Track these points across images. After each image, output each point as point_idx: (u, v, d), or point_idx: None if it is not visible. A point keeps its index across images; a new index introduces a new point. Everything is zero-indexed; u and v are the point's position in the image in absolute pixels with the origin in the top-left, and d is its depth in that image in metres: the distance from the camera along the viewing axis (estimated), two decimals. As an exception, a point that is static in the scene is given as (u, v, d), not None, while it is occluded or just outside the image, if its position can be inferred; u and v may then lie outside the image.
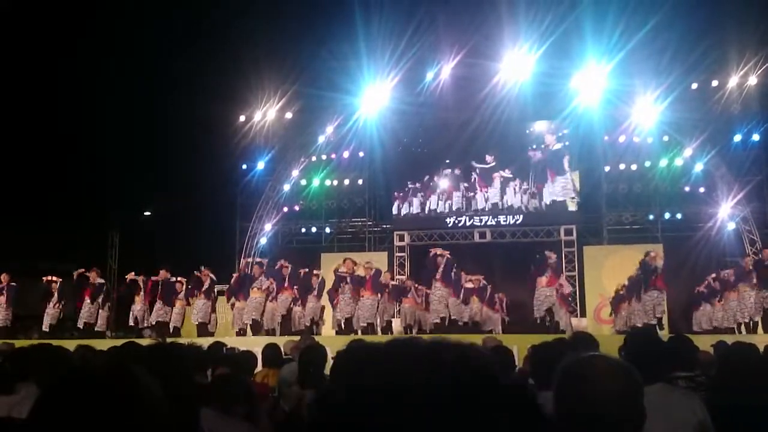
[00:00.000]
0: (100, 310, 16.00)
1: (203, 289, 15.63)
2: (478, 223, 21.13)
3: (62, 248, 20.64)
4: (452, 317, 14.97)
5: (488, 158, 21.21)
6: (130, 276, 16.26)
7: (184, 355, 2.57)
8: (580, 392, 1.74)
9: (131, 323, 15.95)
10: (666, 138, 20.69)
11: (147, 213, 24.26)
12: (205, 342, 8.75)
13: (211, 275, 15.85)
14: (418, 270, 18.08)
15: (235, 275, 16.68)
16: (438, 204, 21.37)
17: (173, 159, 22.52)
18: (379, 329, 15.13)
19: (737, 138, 20.13)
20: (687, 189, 20.92)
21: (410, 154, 21.90)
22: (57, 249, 20.69)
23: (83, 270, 16.11)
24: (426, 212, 21.45)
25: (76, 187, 22.68)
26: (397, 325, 16.00)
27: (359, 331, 14.72)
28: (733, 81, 19.90)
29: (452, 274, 15.21)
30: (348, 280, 15.07)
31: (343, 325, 15.10)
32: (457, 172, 21.35)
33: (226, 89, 21.13)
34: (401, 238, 21.99)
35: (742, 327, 14.46)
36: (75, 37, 21.34)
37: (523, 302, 16.79)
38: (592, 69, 19.90)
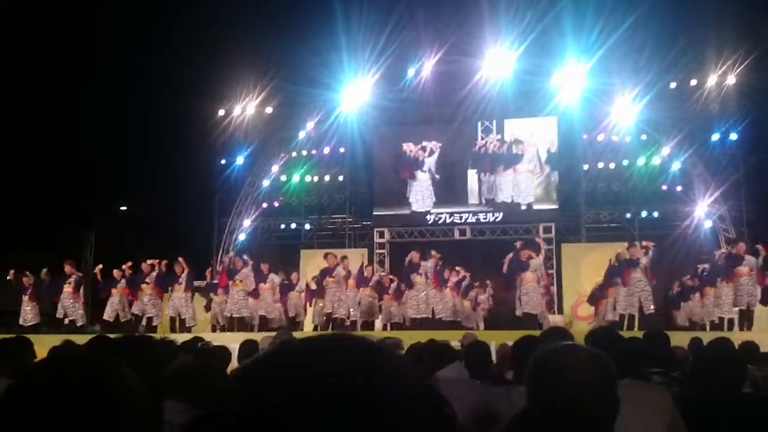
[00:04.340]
0: (77, 304, 15.85)
1: (179, 281, 15.56)
2: (458, 221, 21.16)
3: (37, 242, 20.41)
4: (433, 314, 15.02)
5: (470, 152, 21.25)
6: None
7: (155, 348, 2.53)
8: (551, 382, 1.72)
9: (108, 317, 15.76)
10: (644, 137, 20.83)
11: (123, 207, 24.04)
12: (181, 337, 8.69)
13: (186, 267, 15.79)
14: (399, 266, 18.10)
15: (219, 271, 16.64)
16: (418, 200, 21.32)
17: (151, 153, 22.38)
18: (359, 324, 15.17)
19: (715, 137, 20.30)
20: (664, 188, 21.09)
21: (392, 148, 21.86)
22: (32, 243, 20.45)
23: (50, 270, 15.92)
24: (406, 209, 21.41)
25: (52, 180, 22.45)
26: (378, 323, 16.02)
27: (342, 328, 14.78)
28: (711, 80, 20.05)
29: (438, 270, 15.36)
30: (334, 273, 15.12)
31: (323, 322, 15.13)
32: (437, 166, 21.34)
33: (205, 84, 21.01)
34: (381, 235, 21.97)
35: (722, 323, 14.58)
36: (52, 31, 21.10)
37: (503, 299, 16.87)
38: (572, 67, 19.99)
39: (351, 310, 15.14)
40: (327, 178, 22.78)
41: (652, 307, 14.27)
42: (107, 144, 22.22)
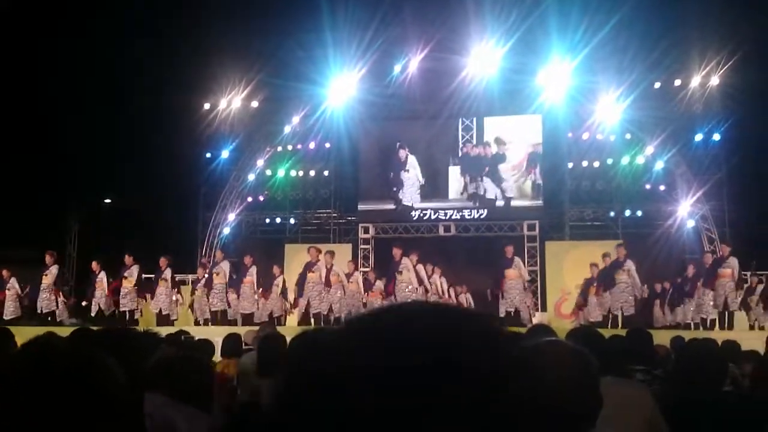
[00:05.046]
0: (59, 297, 15.70)
1: (162, 276, 15.49)
2: (443, 217, 21.20)
3: (20, 235, 20.22)
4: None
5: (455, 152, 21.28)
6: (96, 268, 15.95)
7: (137, 341, 2.52)
8: (535, 379, 1.72)
9: (92, 311, 15.64)
10: (628, 136, 20.95)
11: (107, 201, 23.88)
12: (165, 331, 8.65)
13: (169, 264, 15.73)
14: (383, 262, 18.11)
15: (201, 271, 16.58)
16: (406, 196, 21.32)
17: (136, 146, 22.19)
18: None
19: (698, 137, 20.46)
20: (648, 187, 21.23)
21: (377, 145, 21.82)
22: (14, 235, 20.25)
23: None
24: (391, 204, 21.40)
25: (36, 172, 22.23)
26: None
27: (324, 323, 14.73)
28: (695, 81, 20.19)
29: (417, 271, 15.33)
30: (314, 268, 15.07)
31: (311, 318, 15.10)
32: (419, 163, 21.35)
33: (191, 76, 20.86)
34: (366, 231, 21.97)
35: (704, 323, 14.73)
36: (35, 21, 20.91)
37: (486, 296, 16.91)
38: (557, 66, 20.05)
39: (332, 305, 15.08)
40: (312, 173, 22.75)
41: (632, 309, 14.42)
42: (91, 137, 22.03)
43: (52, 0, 21.02)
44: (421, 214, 21.21)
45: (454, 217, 21.14)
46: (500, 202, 20.82)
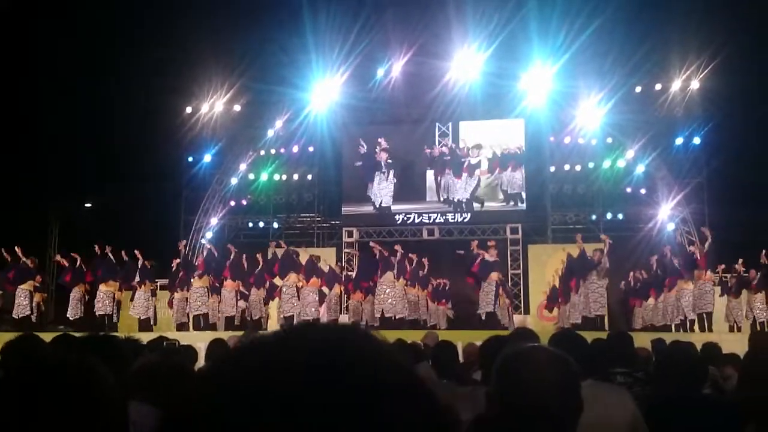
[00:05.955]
0: (34, 301, 15.53)
1: (142, 281, 15.38)
2: (427, 221, 21.25)
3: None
4: (397, 312, 15.02)
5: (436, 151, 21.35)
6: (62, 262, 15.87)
7: (119, 347, 2.51)
8: (517, 383, 1.74)
9: (69, 316, 15.50)
10: (609, 140, 21.12)
11: (88, 205, 23.69)
12: (146, 337, 8.60)
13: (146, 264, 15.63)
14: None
15: (175, 261, 16.46)
16: (386, 199, 21.35)
17: (117, 149, 22.03)
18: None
19: (679, 141, 20.66)
20: (629, 190, 21.41)
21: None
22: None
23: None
24: (375, 209, 21.42)
25: (16, 175, 22.02)
26: (343, 320, 15.97)
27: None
28: (676, 85, 20.39)
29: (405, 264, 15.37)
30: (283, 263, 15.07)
31: (284, 322, 15.04)
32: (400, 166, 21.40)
33: (173, 80, 20.79)
34: (350, 234, 21.95)
35: (680, 325, 14.83)
36: (16, 22, 20.74)
37: (468, 299, 16.97)
38: (539, 70, 20.17)
39: (309, 308, 15.03)
40: (296, 176, 22.72)
41: (603, 310, 14.62)
42: (72, 141, 21.87)
43: (31, 2, 20.84)
44: (405, 218, 21.25)
45: (437, 220, 21.20)
46: (483, 206, 20.90)
